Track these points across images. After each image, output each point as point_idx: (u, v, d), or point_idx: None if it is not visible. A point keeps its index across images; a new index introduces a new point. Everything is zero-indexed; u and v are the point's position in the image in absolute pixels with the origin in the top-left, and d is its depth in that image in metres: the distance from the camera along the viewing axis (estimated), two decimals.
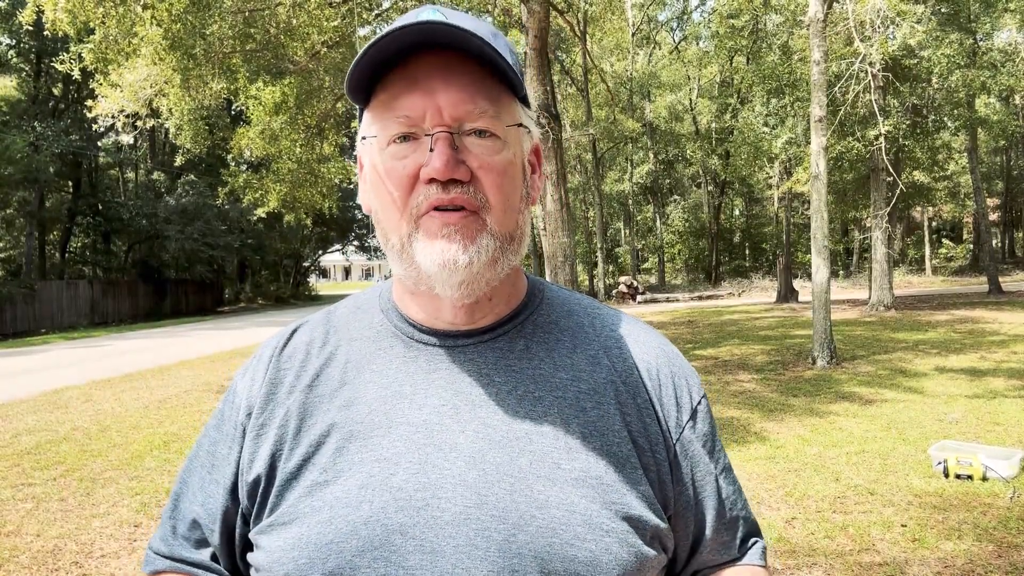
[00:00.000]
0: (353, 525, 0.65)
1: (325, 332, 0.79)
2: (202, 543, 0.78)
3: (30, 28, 19.36)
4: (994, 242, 29.24)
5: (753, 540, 0.83)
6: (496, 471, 0.67)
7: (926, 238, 34.60)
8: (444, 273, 0.67)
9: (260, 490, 0.72)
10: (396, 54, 0.67)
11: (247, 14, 8.78)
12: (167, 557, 0.78)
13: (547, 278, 10.25)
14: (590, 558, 0.65)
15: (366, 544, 0.64)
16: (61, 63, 8.90)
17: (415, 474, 0.67)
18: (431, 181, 0.66)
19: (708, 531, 0.77)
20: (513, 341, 0.74)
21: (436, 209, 0.67)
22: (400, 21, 0.66)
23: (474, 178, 0.67)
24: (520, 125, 0.72)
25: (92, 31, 8.35)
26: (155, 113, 10.61)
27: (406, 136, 0.68)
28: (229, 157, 16.04)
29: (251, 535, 0.72)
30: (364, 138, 0.72)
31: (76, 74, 9.29)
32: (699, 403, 0.78)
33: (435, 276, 0.68)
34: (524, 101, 0.73)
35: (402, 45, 0.66)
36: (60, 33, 7.92)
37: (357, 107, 0.74)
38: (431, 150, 0.66)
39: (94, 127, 25.16)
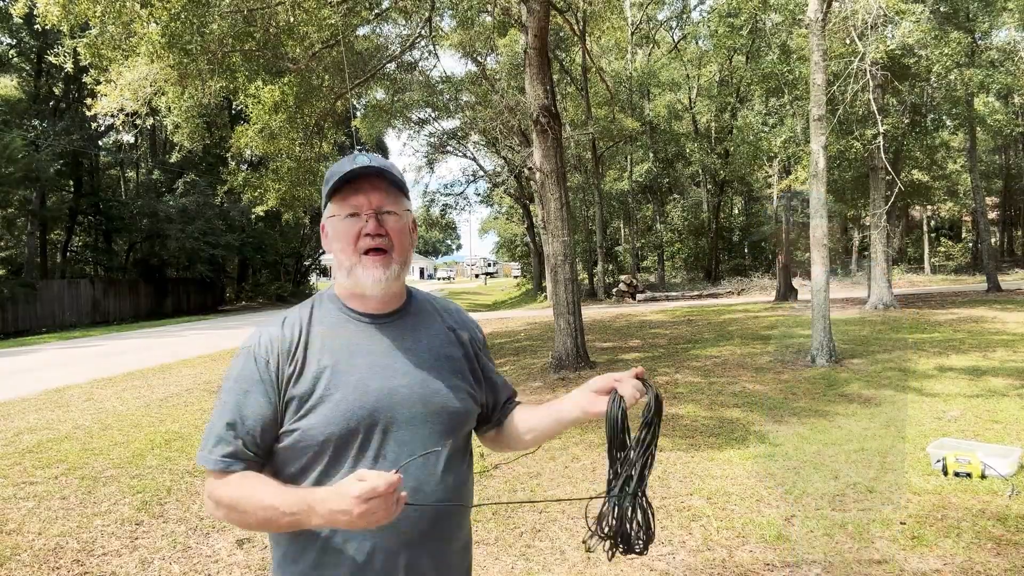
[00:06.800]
0: (355, 406, 1.24)
1: (303, 319, 1.32)
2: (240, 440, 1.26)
3: (39, 29, 19.38)
4: (993, 240, 29.25)
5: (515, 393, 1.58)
6: (418, 378, 1.31)
7: (925, 237, 34.64)
8: (375, 285, 1.29)
9: (296, 399, 1.25)
10: (347, 178, 1.28)
11: (245, 13, 8.77)
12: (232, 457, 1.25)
13: (547, 276, 10.28)
14: (460, 407, 1.34)
15: (363, 414, 1.24)
16: (56, 56, 8.91)
17: (383, 382, 1.28)
18: (367, 236, 1.28)
19: (500, 393, 1.51)
20: (405, 319, 1.37)
21: (368, 252, 1.28)
22: (353, 163, 1.27)
23: (387, 235, 1.29)
24: (407, 210, 1.35)
25: (86, 27, 8.32)
26: (154, 112, 10.60)
27: (353, 215, 1.29)
28: (228, 155, 16.05)
29: (289, 423, 1.26)
30: (332, 216, 1.31)
31: (70, 67, 9.33)
32: (482, 335, 1.53)
33: (368, 286, 1.29)
34: (407, 196, 1.36)
35: (352, 175, 1.27)
36: (54, 28, 7.90)
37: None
38: (367, 222, 1.28)
39: (94, 126, 25.19)
